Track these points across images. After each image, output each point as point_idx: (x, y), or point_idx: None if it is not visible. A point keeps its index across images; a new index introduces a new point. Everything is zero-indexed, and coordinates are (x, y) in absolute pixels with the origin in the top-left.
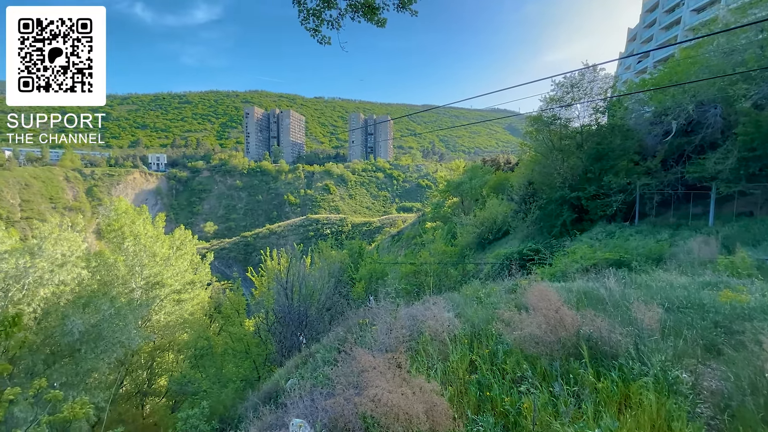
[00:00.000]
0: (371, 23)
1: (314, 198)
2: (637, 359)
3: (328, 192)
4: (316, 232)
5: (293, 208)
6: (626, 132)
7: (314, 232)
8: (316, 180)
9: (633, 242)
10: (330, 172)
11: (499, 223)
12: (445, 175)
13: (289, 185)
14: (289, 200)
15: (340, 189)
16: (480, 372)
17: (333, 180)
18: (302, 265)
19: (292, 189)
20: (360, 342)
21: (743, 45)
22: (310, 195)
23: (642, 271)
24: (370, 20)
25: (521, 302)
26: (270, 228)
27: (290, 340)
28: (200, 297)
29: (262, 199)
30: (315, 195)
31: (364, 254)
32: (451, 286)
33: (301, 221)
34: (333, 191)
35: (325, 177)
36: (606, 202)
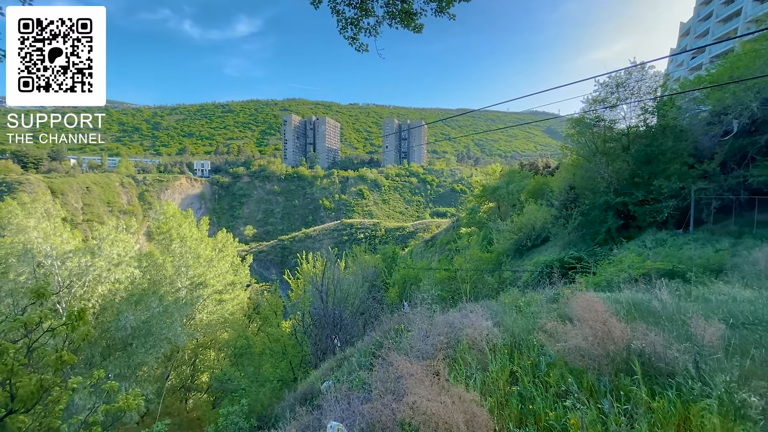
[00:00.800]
0: (408, 29)
1: (348, 203)
2: (698, 378)
3: (362, 197)
4: (350, 237)
5: (328, 212)
6: (679, 133)
7: (348, 236)
8: (350, 185)
9: (688, 251)
10: (364, 177)
11: (538, 229)
12: (481, 180)
13: (324, 190)
14: (324, 205)
15: (374, 194)
16: (521, 384)
17: (367, 185)
18: (337, 268)
19: (327, 194)
20: (396, 347)
21: None
22: (344, 200)
23: (699, 283)
24: (407, 26)
25: (564, 312)
26: (306, 232)
27: (325, 342)
28: (240, 297)
29: (298, 203)
30: (349, 200)
31: (398, 259)
32: (488, 293)
33: (335, 226)
34: (367, 196)
35: (359, 182)
36: (656, 208)
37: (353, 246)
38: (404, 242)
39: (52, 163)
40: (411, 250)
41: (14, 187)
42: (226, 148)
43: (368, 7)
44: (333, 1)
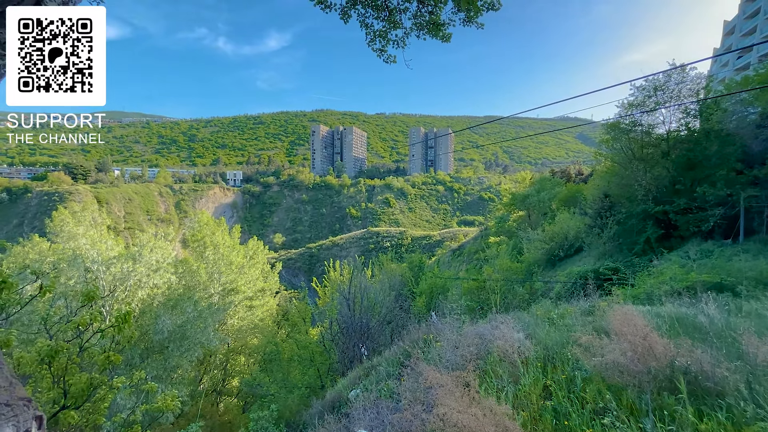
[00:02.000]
0: (436, 39)
1: (375, 211)
2: (751, 400)
3: (388, 205)
4: (376, 245)
5: (354, 221)
6: (725, 137)
7: (374, 244)
8: (376, 194)
9: (738, 263)
10: (390, 186)
11: (571, 238)
12: (510, 188)
13: (350, 199)
14: (350, 213)
15: (400, 202)
16: (555, 398)
17: (393, 193)
18: (363, 276)
19: (354, 202)
20: (424, 358)
21: None
22: (370, 208)
23: (752, 298)
24: (435, 36)
25: (601, 326)
26: (333, 240)
27: (352, 351)
28: (269, 304)
29: (325, 212)
30: (375, 208)
31: (425, 268)
32: (519, 305)
33: (362, 234)
34: (393, 204)
35: (385, 191)
36: (700, 217)
37: (379, 254)
38: (431, 251)
39: (98, 174)
40: (438, 259)
41: (65, 197)
42: (257, 159)
43: (396, 20)
44: (362, 15)
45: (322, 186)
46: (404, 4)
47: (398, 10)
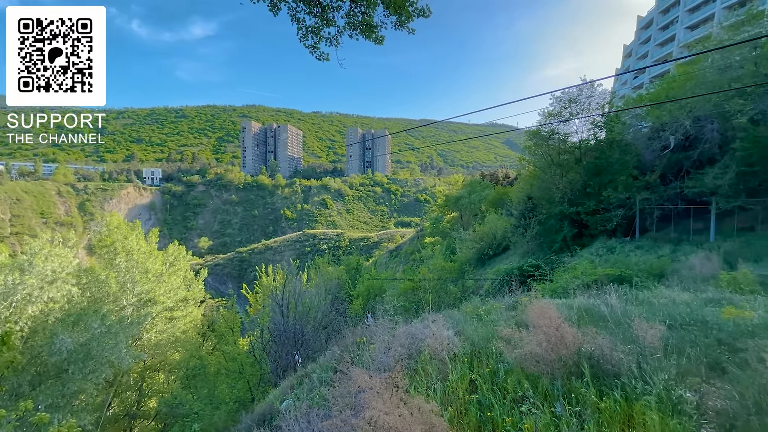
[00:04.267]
0: (369, 41)
1: (311, 213)
2: (640, 378)
3: (325, 207)
4: (312, 248)
5: (290, 223)
6: (624, 147)
7: (311, 247)
8: (313, 195)
9: (634, 258)
10: (327, 187)
11: (499, 238)
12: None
13: (285, 200)
14: (285, 215)
15: (338, 204)
16: (480, 392)
17: (330, 194)
18: (298, 281)
19: (289, 204)
20: (357, 361)
21: (738, 61)
22: (306, 210)
23: (644, 288)
24: (368, 38)
25: (522, 320)
26: (266, 243)
27: (285, 359)
28: (193, 314)
29: (258, 213)
30: (312, 210)
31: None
32: (451, 303)
33: (297, 236)
34: (330, 206)
35: (322, 191)
36: (606, 217)
37: (316, 257)
38: (369, 253)
39: None
40: (375, 260)
41: None
42: (180, 156)
43: (329, 17)
44: (293, 9)
45: (254, 186)
46: (337, 2)
47: (331, 8)
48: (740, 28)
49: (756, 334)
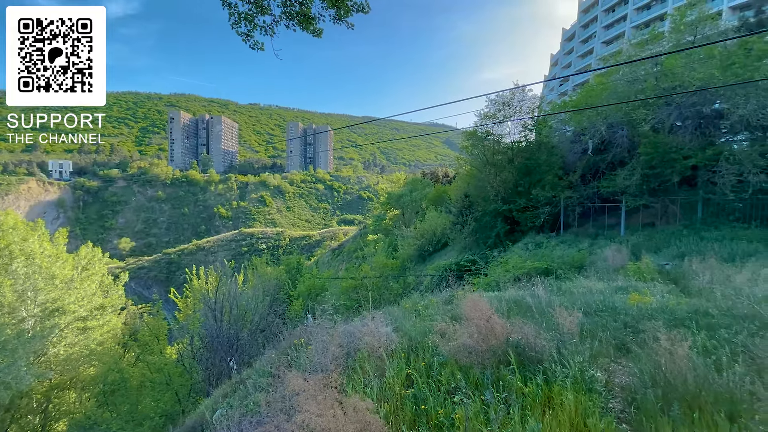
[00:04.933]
0: (307, 32)
1: (248, 211)
2: (559, 362)
3: (263, 204)
4: (250, 248)
5: (224, 221)
6: (551, 149)
7: (248, 247)
8: (250, 191)
9: (558, 251)
10: (266, 183)
11: (439, 235)
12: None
13: (219, 197)
14: (219, 213)
15: (277, 201)
16: (416, 386)
17: (269, 191)
18: (234, 283)
19: (224, 201)
20: (295, 364)
21: (643, 75)
22: (243, 207)
23: (566, 279)
24: (306, 29)
25: (457, 313)
26: (197, 244)
27: (219, 366)
28: (111, 323)
29: (188, 211)
30: (249, 207)
31: (303, 270)
32: (392, 300)
33: (233, 236)
34: (269, 203)
35: (260, 188)
36: (535, 214)
37: (254, 257)
38: (310, 252)
39: None
40: (317, 259)
41: None
42: (95, 146)
43: (264, 5)
44: None
45: (184, 182)
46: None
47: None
48: (644, 46)
49: (654, 317)
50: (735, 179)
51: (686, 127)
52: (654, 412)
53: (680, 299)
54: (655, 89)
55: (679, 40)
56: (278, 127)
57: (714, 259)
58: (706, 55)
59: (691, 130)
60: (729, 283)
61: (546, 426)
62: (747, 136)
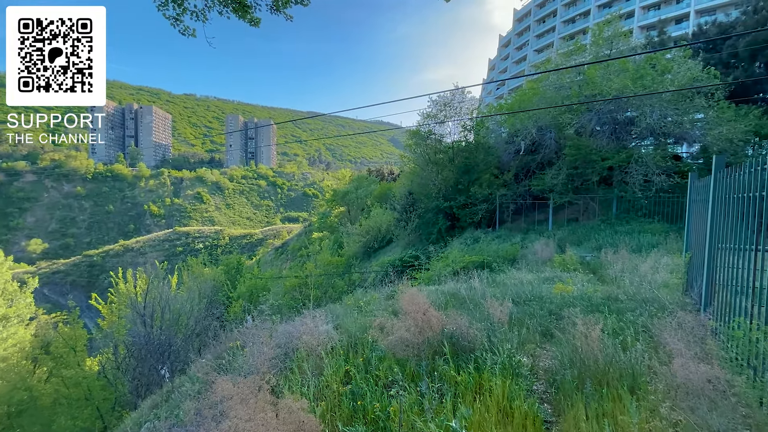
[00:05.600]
0: (244, 21)
1: (184, 208)
2: (489, 350)
3: (200, 201)
4: (185, 247)
5: (156, 219)
6: (488, 149)
7: (183, 247)
8: (185, 187)
9: (494, 246)
10: (203, 179)
11: (384, 231)
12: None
13: (151, 193)
14: (150, 211)
15: (216, 198)
16: (354, 382)
17: (207, 188)
18: (167, 286)
19: (155, 198)
20: (229, 368)
21: (568, 83)
22: (178, 205)
23: (500, 271)
24: (243, 18)
25: (397, 308)
26: (125, 244)
27: (148, 376)
28: (18, 336)
29: (113, 209)
30: (185, 205)
31: (243, 270)
32: (337, 297)
33: (166, 235)
34: (207, 200)
35: (197, 184)
36: (473, 211)
37: (189, 258)
38: (252, 251)
39: None
40: (259, 258)
41: None
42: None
43: None
44: None
45: (108, 176)
46: None
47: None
48: (570, 56)
49: (574, 304)
50: (642, 179)
51: (604, 131)
52: (571, 390)
53: (596, 287)
54: (578, 96)
55: (598, 53)
56: (216, 119)
57: (625, 250)
58: (620, 67)
59: (607, 135)
60: (636, 272)
61: (476, 411)
62: (652, 142)
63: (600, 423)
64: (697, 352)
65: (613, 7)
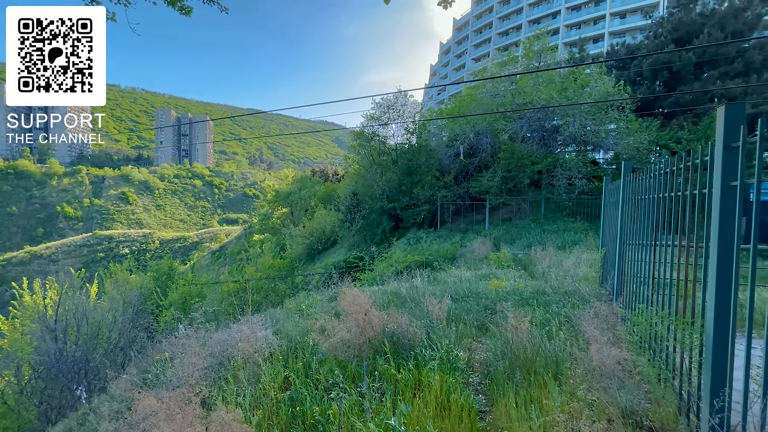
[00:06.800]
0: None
1: (106, 210)
2: (428, 346)
3: (126, 202)
4: (107, 253)
5: (72, 222)
6: (430, 152)
7: (105, 252)
8: (108, 187)
9: (435, 245)
10: (129, 178)
11: (328, 233)
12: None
13: (65, 193)
14: (65, 213)
15: (144, 198)
16: (293, 387)
17: (133, 187)
18: (84, 296)
19: (71, 198)
20: (156, 382)
21: (502, 91)
22: (99, 206)
23: (441, 269)
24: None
25: (339, 310)
26: (32, 250)
27: (60, 398)
28: None
29: (17, 211)
30: (107, 206)
31: (176, 276)
32: (279, 301)
33: (84, 240)
34: (134, 201)
35: (121, 183)
36: (416, 212)
37: (112, 264)
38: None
39: None
40: (194, 263)
41: None
42: None
43: None
44: None
45: (11, 173)
46: None
47: None
48: (504, 66)
49: (506, 299)
50: (566, 182)
51: (534, 138)
52: (503, 380)
53: (527, 282)
54: (511, 104)
55: (528, 65)
56: (145, 113)
57: (552, 247)
58: (548, 79)
59: (537, 141)
60: (561, 267)
61: (415, 408)
62: (575, 148)
63: (528, 409)
64: (610, 338)
65: (541, 24)
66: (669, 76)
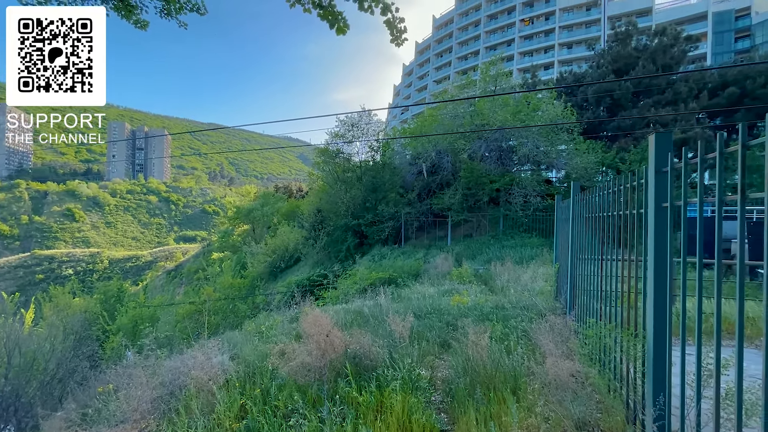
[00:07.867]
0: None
1: (48, 227)
2: (391, 366)
3: (72, 219)
4: (48, 274)
5: (7, 242)
6: (393, 169)
7: (45, 273)
8: (51, 203)
9: (399, 262)
10: (75, 193)
11: (291, 250)
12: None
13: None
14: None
15: (93, 215)
16: (250, 415)
17: (80, 203)
18: (18, 323)
19: (6, 215)
20: (98, 418)
21: (462, 113)
22: (39, 223)
23: (405, 286)
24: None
25: (300, 331)
26: None
27: None
28: None
29: None
30: (49, 223)
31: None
32: (239, 323)
33: (20, 260)
34: (80, 218)
35: (66, 199)
36: (380, 228)
37: (52, 287)
38: (138, 275)
39: None
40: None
41: None
42: None
43: None
44: None
45: None
46: None
47: None
48: (463, 89)
49: (467, 314)
50: (522, 200)
51: (492, 157)
52: (464, 397)
53: (487, 297)
54: (470, 125)
55: (485, 88)
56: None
57: (510, 262)
58: (503, 102)
59: (495, 160)
60: (519, 281)
61: (376, 430)
62: (530, 167)
63: (488, 426)
64: (564, 351)
65: (497, 50)
66: (611, 102)
